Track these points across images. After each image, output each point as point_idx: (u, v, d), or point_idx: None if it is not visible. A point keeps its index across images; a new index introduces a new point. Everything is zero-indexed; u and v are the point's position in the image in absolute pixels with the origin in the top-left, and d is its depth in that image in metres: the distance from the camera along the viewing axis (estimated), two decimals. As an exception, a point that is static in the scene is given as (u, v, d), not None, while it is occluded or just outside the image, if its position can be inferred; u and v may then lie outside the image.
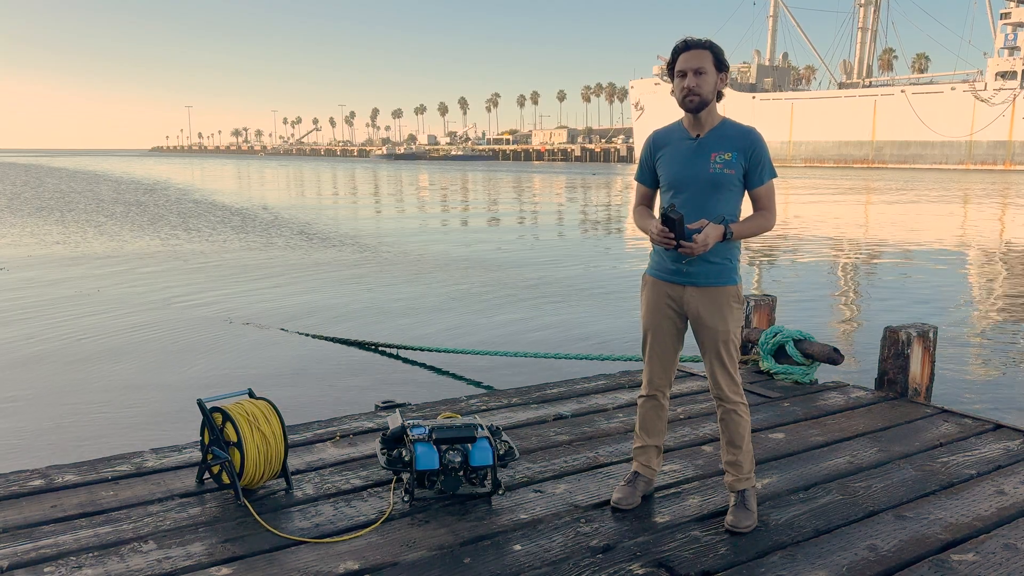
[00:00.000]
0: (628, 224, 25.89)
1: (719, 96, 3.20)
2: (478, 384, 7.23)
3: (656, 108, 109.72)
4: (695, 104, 3.13)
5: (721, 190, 3.14)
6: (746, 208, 3.25)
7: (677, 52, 3.15)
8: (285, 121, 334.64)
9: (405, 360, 8.06)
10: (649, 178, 3.35)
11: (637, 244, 19.26)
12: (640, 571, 2.89)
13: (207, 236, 19.80)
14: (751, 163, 3.16)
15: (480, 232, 22.99)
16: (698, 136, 3.20)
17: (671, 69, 3.19)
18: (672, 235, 3.03)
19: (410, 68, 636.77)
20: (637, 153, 3.74)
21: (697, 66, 3.10)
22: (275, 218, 25.23)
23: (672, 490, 3.63)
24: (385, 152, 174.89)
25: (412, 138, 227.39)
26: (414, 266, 14.95)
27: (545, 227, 24.87)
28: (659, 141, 3.32)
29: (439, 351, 8.01)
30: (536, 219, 28.19)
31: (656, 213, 3.35)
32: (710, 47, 3.13)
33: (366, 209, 32.11)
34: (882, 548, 3.10)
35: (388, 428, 3.77)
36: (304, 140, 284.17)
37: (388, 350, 8.32)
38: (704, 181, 3.14)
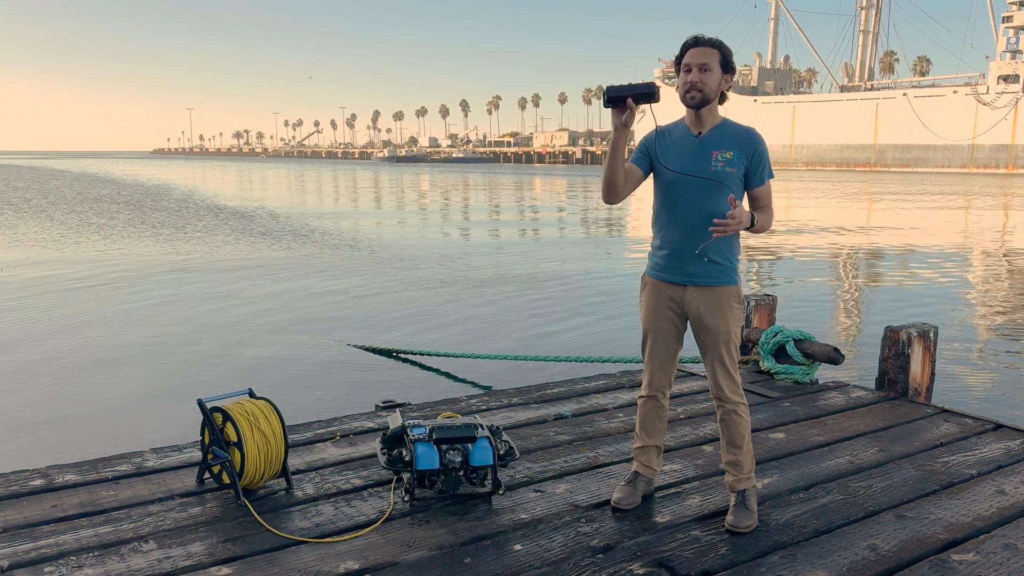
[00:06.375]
0: (629, 225, 25.91)
1: (723, 98, 3.21)
2: (478, 384, 7.22)
3: (657, 110, 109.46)
4: (696, 100, 3.14)
5: (722, 188, 3.14)
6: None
7: (686, 47, 3.17)
8: (286, 123, 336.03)
9: (405, 361, 8.06)
10: (642, 162, 3.27)
11: (636, 245, 19.27)
12: (640, 571, 2.89)
13: (206, 237, 19.81)
14: (752, 163, 3.17)
15: (479, 234, 22.99)
16: (699, 134, 3.20)
17: (678, 63, 3.20)
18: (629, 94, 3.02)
19: (410, 69, 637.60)
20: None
21: (703, 62, 3.11)
22: (275, 220, 25.25)
23: (672, 490, 3.63)
24: (387, 154, 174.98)
25: (413, 140, 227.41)
26: (415, 270, 14.95)
27: (546, 229, 24.86)
28: (662, 134, 3.30)
29: (440, 355, 8.00)
30: (537, 221, 28.18)
31: (654, 214, 3.34)
32: (719, 47, 3.14)
33: (367, 214, 32.12)
34: (882, 548, 3.09)
35: (388, 428, 3.77)
36: (305, 142, 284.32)
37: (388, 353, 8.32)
38: (705, 178, 3.15)
